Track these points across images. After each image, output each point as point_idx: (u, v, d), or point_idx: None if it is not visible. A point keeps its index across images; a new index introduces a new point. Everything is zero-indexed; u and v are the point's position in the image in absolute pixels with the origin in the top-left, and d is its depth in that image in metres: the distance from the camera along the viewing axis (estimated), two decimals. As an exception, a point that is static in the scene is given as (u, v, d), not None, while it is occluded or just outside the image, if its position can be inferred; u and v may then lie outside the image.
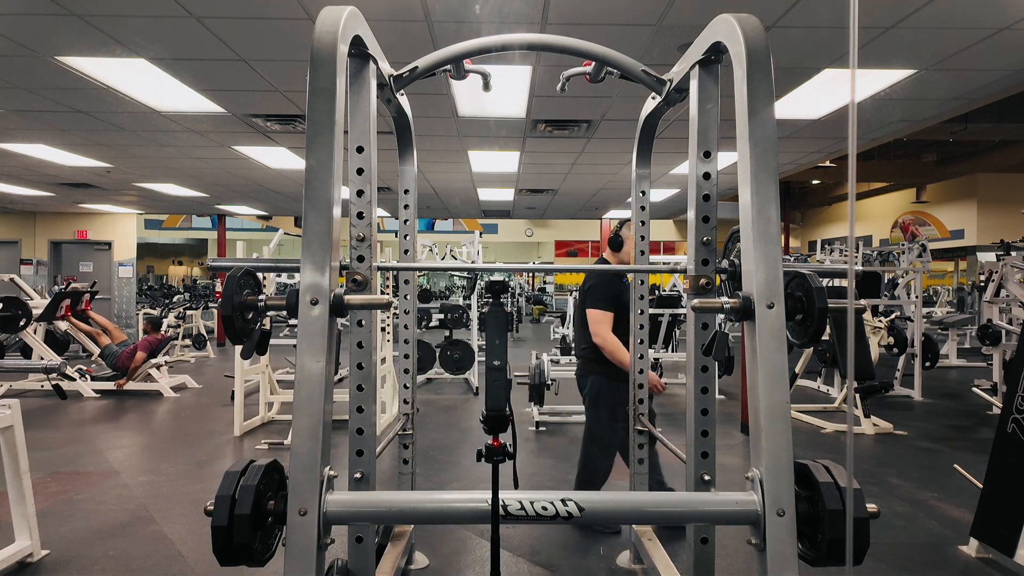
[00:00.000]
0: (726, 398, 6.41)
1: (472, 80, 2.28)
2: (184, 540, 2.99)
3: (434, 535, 3.05)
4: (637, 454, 2.67)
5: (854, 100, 0.90)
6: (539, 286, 21.10)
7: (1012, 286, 6.37)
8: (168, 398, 6.48)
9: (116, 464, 4.21)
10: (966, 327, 10.72)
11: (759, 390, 1.24)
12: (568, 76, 2.25)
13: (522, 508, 1.25)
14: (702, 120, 1.78)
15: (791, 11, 3.09)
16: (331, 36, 1.38)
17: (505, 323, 1.46)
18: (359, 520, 1.33)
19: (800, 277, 1.35)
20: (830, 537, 1.15)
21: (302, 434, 1.21)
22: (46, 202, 10.38)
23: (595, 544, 3.00)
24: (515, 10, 3.10)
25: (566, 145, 6.14)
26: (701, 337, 1.87)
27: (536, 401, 5.10)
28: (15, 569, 2.68)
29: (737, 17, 1.44)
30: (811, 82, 4.18)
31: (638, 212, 2.58)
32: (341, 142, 1.39)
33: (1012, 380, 2.83)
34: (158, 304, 11.94)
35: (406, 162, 2.58)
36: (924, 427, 5.36)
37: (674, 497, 1.75)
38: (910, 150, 11.68)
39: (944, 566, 2.81)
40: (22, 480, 2.73)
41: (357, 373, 1.87)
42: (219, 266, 1.78)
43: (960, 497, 3.55)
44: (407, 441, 2.66)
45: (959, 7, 3.05)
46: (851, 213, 1.02)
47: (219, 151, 6.40)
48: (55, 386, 3.72)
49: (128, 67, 3.89)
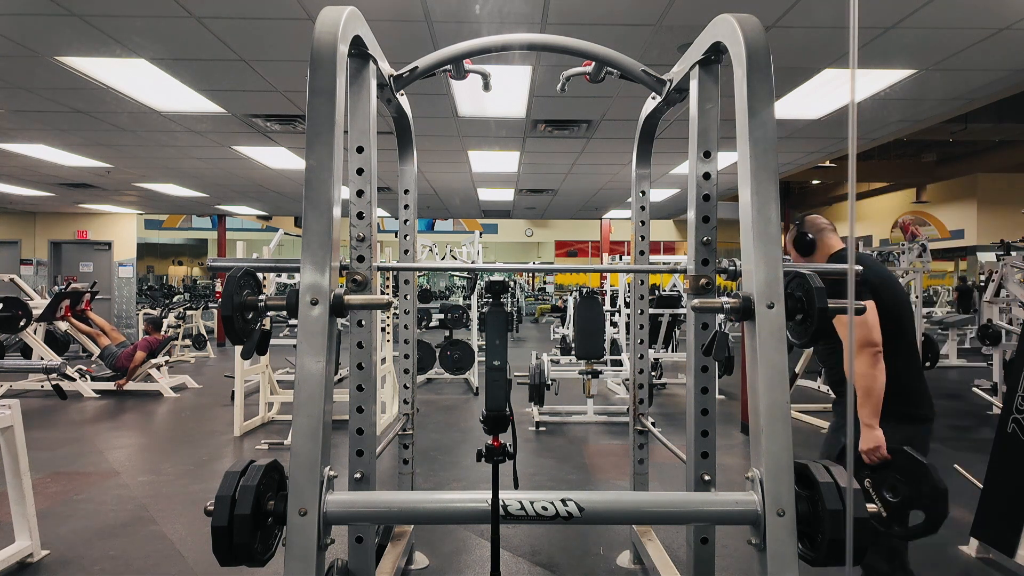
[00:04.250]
0: (726, 398, 6.41)
1: (472, 80, 2.28)
2: (184, 540, 2.99)
3: (434, 535, 3.05)
4: (637, 455, 2.67)
5: (854, 100, 0.90)
6: (539, 286, 21.10)
7: (1012, 286, 6.37)
8: (168, 398, 6.48)
9: (116, 464, 4.21)
10: (966, 327, 10.72)
11: (759, 390, 1.24)
12: (568, 76, 2.25)
13: (522, 508, 1.25)
14: (702, 120, 1.78)
15: (791, 11, 3.09)
16: (331, 36, 1.38)
17: (505, 323, 1.46)
18: (359, 520, 1.33)
19: (800, 277, 1.35)
20: (830, 537, 1.15)
21: (302, 434, 1.21)
22: (46, 202, 10.38)
23: (595, 544, 3.00)
24: (515, 10, 3.09)
25: (566, 145, 6.14)
26: (701, 337, 1.87)
27: (536, 401, 5.11)
28: (15, 569, 2.68)
29: (737, 17, 1.44)
30: (811, 82, 4.18)
31: (638, 212, 2.58)
32: (341, 142, 1.39)
33: (1012, 380, 2.83)
34: (158, 304, 11.93)
35: (406, 162, 2.58)
36: (924, 427, 5.36)
37: (674, 497, 1.75)
38: (910, 150, 11.67)
39: (944, 566, 2.81)
40: (22, 480, 2.73)
41: (357, 373, 1.87)
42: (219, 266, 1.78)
43: (960, 497, 3.53)
44: (407, 441, 2.66)
45: (959, 7, 3.05)
46: (851, 213, 1.02)
47: (219, 151, 6.39)
48: (55, 386, 3.72)
49: (128, 67, 3.89)
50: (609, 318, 6.92)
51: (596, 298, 5.46)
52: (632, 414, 2.67)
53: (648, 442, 2.70)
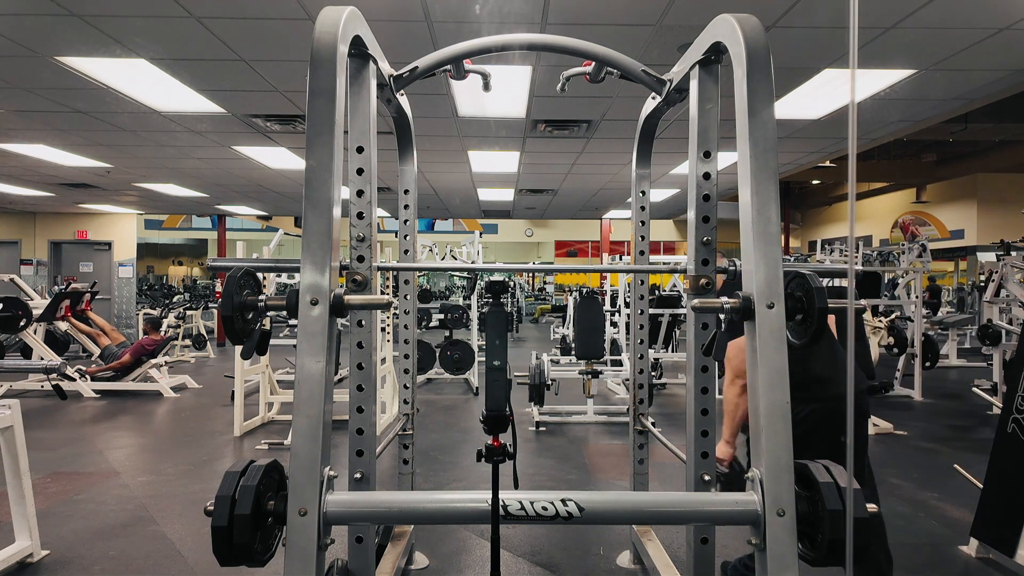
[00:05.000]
0: (726, 398, 6.40)
1: (472, 80, 2.28)
2: (184, 540, 2.99)
3: (434, 535, 3.05)
4: (637, 455, 2.67)
5: (854, 100, 0.90)
6: (539, 286, 21.11)
7: (1012, 286, 6.37)
8: (168, 398, 6.48)
9: (116, 464, 4.21)
10: (966, 327, 10.72)
11: (759, 390, 1.24)
12: (568, 76, 2.25)
13: (522, 508, 1.25)
14: (702, 120, 1.78)
15: (791, 11, 3.09)
16: (331, 36, 1.38)
17: (505, 323, 1.46)
18: (359, 520, 1.33)
19: (800, 277, 1.35)
20: (830, 537, 1.15)
21: (302, 434, 1.21)
22: (46, 202, 10.38)
23: (595, 544, 3.00)
24: (515, 10, 3.10)
25: (566, 145, 6.14)
26: (701, 337, 1.87)
27: (536, 401, 5.11)
28: (15, 569, 2.68)
29: (737, 17, 1.44)
30: (811, 82, 4.18)
31: (638, 212, 2.58)
32: (341, 142, 1.39)
33: (1012, 380, 2.83)
34: (158, 304, 11.93)
35: (406, 162, 2.58)
36: (924, 427, 5.36)
37: (674, 497, 1.75)
38: (910, 150, 11.69)
39: (944, 566, 2.81)
40: (22, 480, 2.73)
41: (357, 373, 1.87)
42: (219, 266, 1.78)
43: (960, 497, 3.54)
44: (407, 441, 2.66)
45: (959, 7, 3.05)
46: (851, 213, 1.02)
47: (219, 151, 6.40)
48: (55, 386, 3.72)
49: (128, 67, 3.89)
50: (609, 318, 6.92)
51: (596, 298, 5.47)
52: (632, 414, 2.67)
53: (648, 442, 2.70)
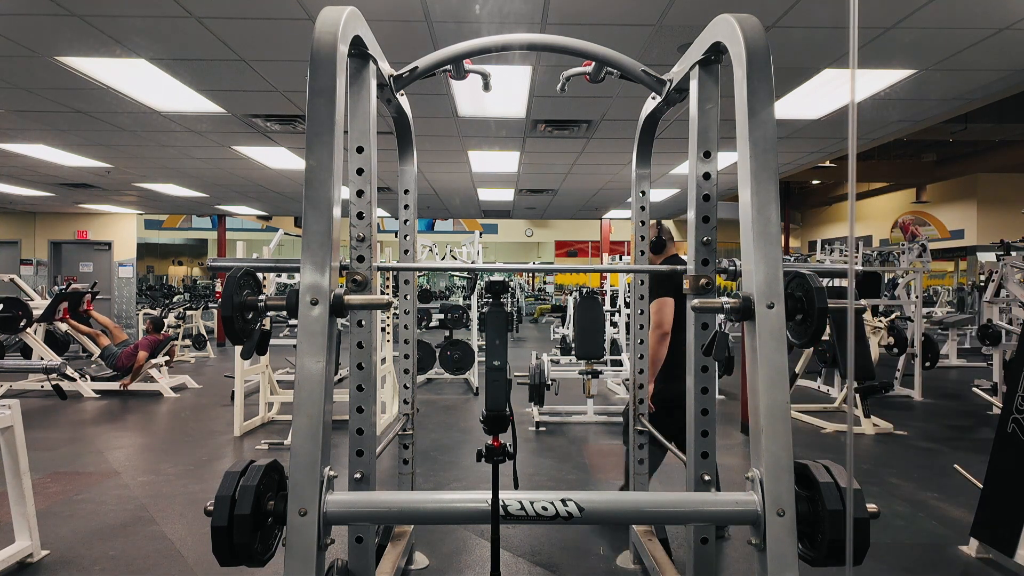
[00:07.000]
0: (726, 398, 6.41)
1: (472, 80, 2.28)
2: (184, 540, 2.99)
3: (434, 535, 3.05)
4: (637, 454, 2.67)
5: (854, 100, 0.90)
6: (539, 286, 21.11)
7: (1012, 286, 6.37)
8: (168, 398, 6.48)
9: (116, 464, 4.21)
10: (966, 327, 10.72)
11: (759, 390, 1.24)
12: (568, 76, 2.25)
13: (522, 508, 1.25)
14: (702, 120, 1.78)
15: (791, 11, 3.09)
16: (331, 36, 1.38)
17: (505, 323, 1.46)
18: (359, 520, 1.33)
19: (800, 277, 1.35)
20: (830, 537, 1.15)
21: (302, 434, 1.21)
22: (46, 202, 10.39)
23: (595, 544, 3.00)
24: (515, 10, 3.10)
25: (566, 145, 6.14)
26: (701, 337, 1.87)
27: (536, 401, 5.10)
28: (15, 569, 2.68)
29: (737, 17, 1.44)
30: (811, 82, 4.18)
31: (638, 212, 2.58)
32: (341, 142, 1.39)
33: (1012, 380, 2.83)
34: (158, 304, 11.93)
35: (406, 162, 2.58)
36: (924, 427, 5.36)
37: (674, 497, 1.75)
38: (910, 150, 11.69)
39: (944, 566, 2.81)
40: (22, 480, 2.73)
41: (357, 373, 1.87)
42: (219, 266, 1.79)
43: (960, 497, 3.54)
44: (407, 441, 2.66)
45: (959, 7, 3.05)
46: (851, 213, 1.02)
47: (219, 151, 6.40)
48: (55, 386, 3.73)
49: (128, 67, 3.89)
50: (609, 318, 6.91)
51: (596, 298, 5.46)
52: (632, 414, 2.67)
53: (648, 442, 2.70)
